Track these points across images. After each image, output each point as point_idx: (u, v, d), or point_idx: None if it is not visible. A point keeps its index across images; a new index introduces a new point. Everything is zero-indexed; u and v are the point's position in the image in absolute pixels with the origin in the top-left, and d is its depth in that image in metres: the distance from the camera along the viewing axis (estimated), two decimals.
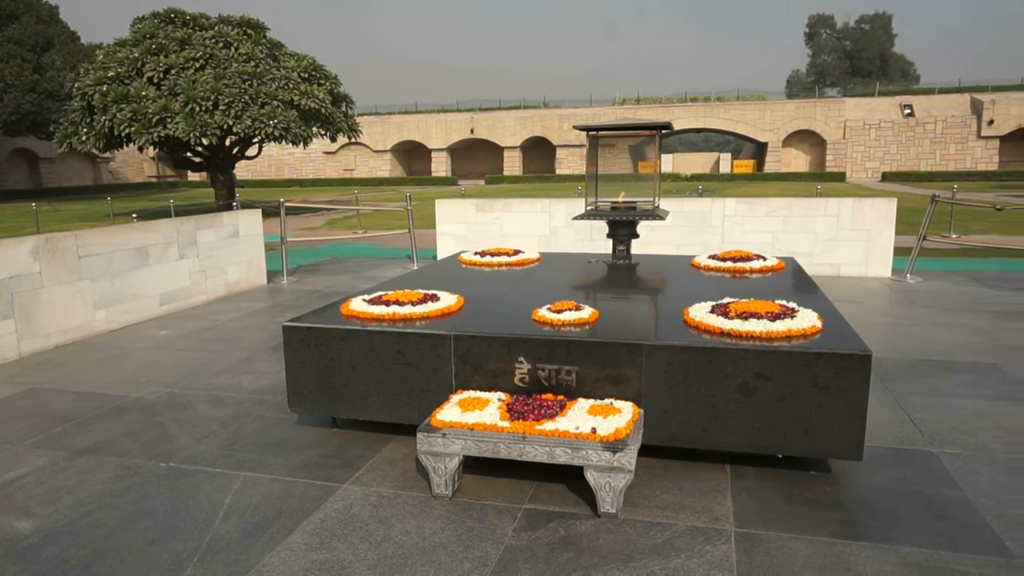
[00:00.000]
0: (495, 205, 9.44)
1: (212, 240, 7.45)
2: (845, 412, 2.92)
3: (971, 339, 5.33)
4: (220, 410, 4.10)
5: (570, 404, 3.03)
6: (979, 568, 2.41)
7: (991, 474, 3.10)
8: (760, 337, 3.05)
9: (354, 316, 3.66)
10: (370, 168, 51.27)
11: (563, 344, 3.16)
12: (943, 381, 4.36)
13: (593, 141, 5.22)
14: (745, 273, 4.68)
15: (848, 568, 2.43)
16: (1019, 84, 44.47)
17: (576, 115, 47.33)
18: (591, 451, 2.72)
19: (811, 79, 71.47)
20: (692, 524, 2.73)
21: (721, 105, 46.65)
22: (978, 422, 3.70)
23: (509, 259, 5.26)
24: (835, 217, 8.26)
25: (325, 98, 20.77)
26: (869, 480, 3.07)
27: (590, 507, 2.84)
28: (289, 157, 51.94)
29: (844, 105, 44.87)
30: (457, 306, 3.77)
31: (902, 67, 69.84)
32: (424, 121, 51.12)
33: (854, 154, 43.70)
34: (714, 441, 3.09)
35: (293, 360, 3.59)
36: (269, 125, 19.07)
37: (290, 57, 21.47)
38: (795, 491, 2.98)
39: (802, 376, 2.92)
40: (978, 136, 41.93)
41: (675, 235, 8.64)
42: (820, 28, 73.73)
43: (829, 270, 8.28)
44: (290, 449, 3.53)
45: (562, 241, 9.10)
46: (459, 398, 3.16)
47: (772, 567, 2.44)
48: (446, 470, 2.92)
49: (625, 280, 4.66)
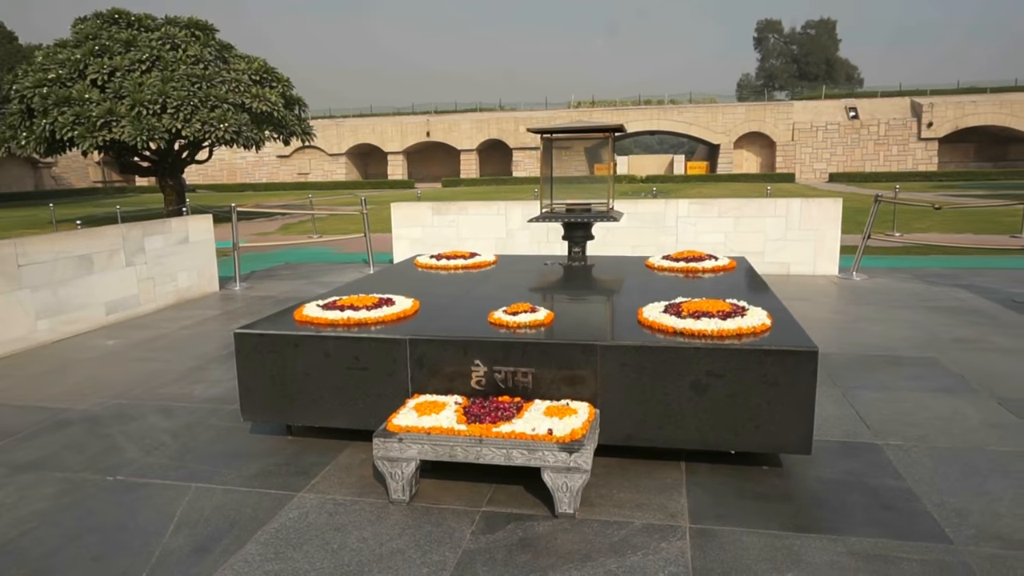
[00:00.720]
0: (451, 208, 9.43)
1: (161, 247, 7.27)
2: (794, 407, 2.99)
3: (913, 334, 5.52)
4: (170, 420, 4.00)
5: (527, 406, 3.04)
6: (921, 555, 2.50)
7: (932, 464, 3.22)
8: (712, 336, 3.11)
9: (308, 322, 3.61)
10: (325, 172, 50.69)
11: (519, 346, 3.18)
12: (887, 375, 4.51)
13: (547, 144, 5.25)
14: (698, 273, 4.76)
15: (799, 559, 2.49)
16: (955, 88, 46.24)
17: (532, 118, 47.55)
18: (547, 452, 2.73)
19: (760, 83, 73.17)
20: (648, 521, 2.76)
21: (674, 108, 47.43)
22: (920, 414, 3.83)
23: (465, 262, 5.25)
24: (784, 217, 8.46)
25: (277, 101, 20.46)
26: (818, 473, 3.15)
27: (548, 508, 2.86)
28: (241, 161, 51.01)
29: (792, 108, 46.06)
30: (413, 310, 3.75)
31: (847, 71, 72.00)
32: (379, 124, 50.76)
33: (802, 155, 44.87)
34: (669, 439, 3.14)
35: (245, 368, 3.53)
36: (220, 128, 18.69)
37: (241, 59, 21.10)
38: (747, 486, 3.04)
39: (752, 373, 2.99)
40: (918, 138, 43.47)
41: (631, 236, 8.75)
42: (768, 33, 75.55)
43: (780, 269, 8.48)
44: (244, 458, 3.46)
45: (519, 243, 9.13)
46: (415, 402, 3.14)
47: (725, 561, 2.49)
48: (403, 475, 2.90)
49: (580, 281, 4.70)
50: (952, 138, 43.51)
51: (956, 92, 45.70)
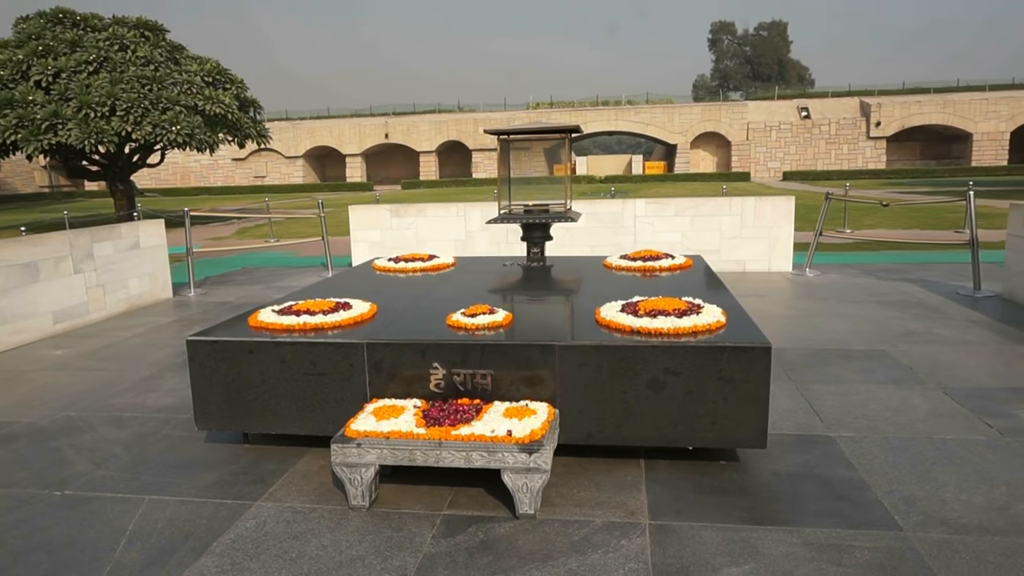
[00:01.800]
0: (410, 210, 9.37)
1: (110, 253, 7.08)
2: (749, 403, 3.05)
3: (864, 328, 5.66)
4: (122, 431, 3.89)
5: (486, 408, 3.04)
6: (872, 542, 2.57)
7: (882, 454, 3.31)
8: (668, 334, 3.15)
9: (263, 328, 3.55)
10: (282, 175, 49.95)
11: (477, 348, 3.17)
12: (839, 369, 4.62)
13: (504, 145, 5.26)
14: (655, 272, 4.82)
15: (755, 551, 2.54)
16: (901, 89, 47.67)
17: (491, 119, 47.59)
18: (507, 453, 2.73)
19: (715, 83, 74.46)
20: (608, 519, 2.78)
21: (632, 108, 47.95)
22: (870, 405, 3.93)
23: (423, 264, 5.23)
24: (739, 216, 8.62)
25: (232, 103, 20.05)
26: (774, 466, 3.21)
27: (509, 509, 2.86)
28: (195, 164, 49.98)
29: (746, 108, 46.96)
30: (370, 314, 3.72)
31: (798, 72, 73.68)
32: (337, 126, 50.23)
33: (757, 155, 45.78)
34: (628, 437, 3.16)
35: (199, 376, 3.46)
36: (171, 131, 18.24)
37: (192, 60, 20.63)
38: (705, 481, 3.09)
39: (708, 370, 3.04)
40: (867, 137, 44.72)
41: (589, 236, 8.81)
42: (722, 34, 76.92)
43: (735, 266, 8.63)
44: (199, 468, 3.39)
45: (479, 245, 9.12)
46: (374, 407, 3.11)
47: (684, 556, 2.52)
48: (362, 481, 2.87)
49: (539, 282, 4.71)
50: (899, 137, 44.85)
51: (902, 92, 47.14)
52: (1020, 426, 3.59)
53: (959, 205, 14.87)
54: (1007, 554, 2.47)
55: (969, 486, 2.97)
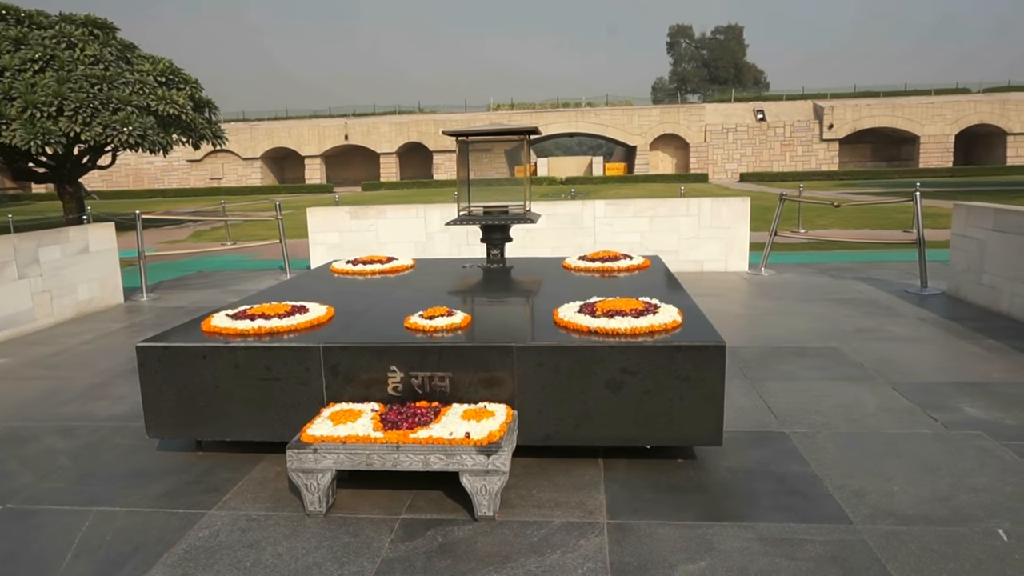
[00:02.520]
0: (369, 212, 9.29)
1: (58, 257, 6.86)
2: (704, 401, 3.09)
3: (817, 326, 5.79)
4: (69, 441, 3.77)
5: (444, 410, 3.03)
6: (823, 536, 2.63)
7: (834, 449, 3.38)
8: (625, 334, 3.17)
9: (216, 332, 3.48)
10: (239, 176, 49.06)
11: (435, 350, 3.16)
12: (794, 366, 4.72)
13: (463, 146, 5.25)
14: (613, 272, 4.86)
15: (711, 548, 2.57)
16: (853, 92, 48.93)
17: (452, 120, 47.48)
18: (465, 456, 2.72)
19: (674, 86, 75.49)
20: (567, 520, 2.79)
21: (592, 110, 48.31)
22: (823, 402, 4.03)
23: (382, 266, 5.19)
24: (696, 216, 8.74)
25: (186, 103, 19.62)
26: (730, 463, 3.26)
27: (468, 512, 2.85)
28: (149, 166, 48.81)
29: (704, 110, 47.68)
30: (327, 317, 3.67)
31: (754, 75, 75.11)
32: (296, 127, 49.54)
33: (715, 156, 46.52)
34: (586, 437, 3.18)
35: (149, 383, 3.37)
36: (123, 132, 17.77)
37: (144, 60, 20.13)
38: (663, 479, 3.12)
39: (664, 369, 3.07)
40: (821, 139, 45.78)
41: (550, 237, 8.85)
42: (680, 38, 78.01)
43: (693, 266, 8.75)
44: (150, 478, 3.30)
45: (439, 247, 9.09)
46: (331, 411, 3.07)
47: (642, 554, 2.54)
48: (319, 486, 2.83)
49: (498, 284, 4.71)
50: (851, 139, 46.02)
51: (853, 96, 48.36)
52: (963, 419, 3.71)
53: (907, 206, 15.31)
54: (950, 543, 2.55)
55: (915, 478, 3.06)
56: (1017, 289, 5.80)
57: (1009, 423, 3.64)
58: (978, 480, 3.02)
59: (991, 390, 4.14)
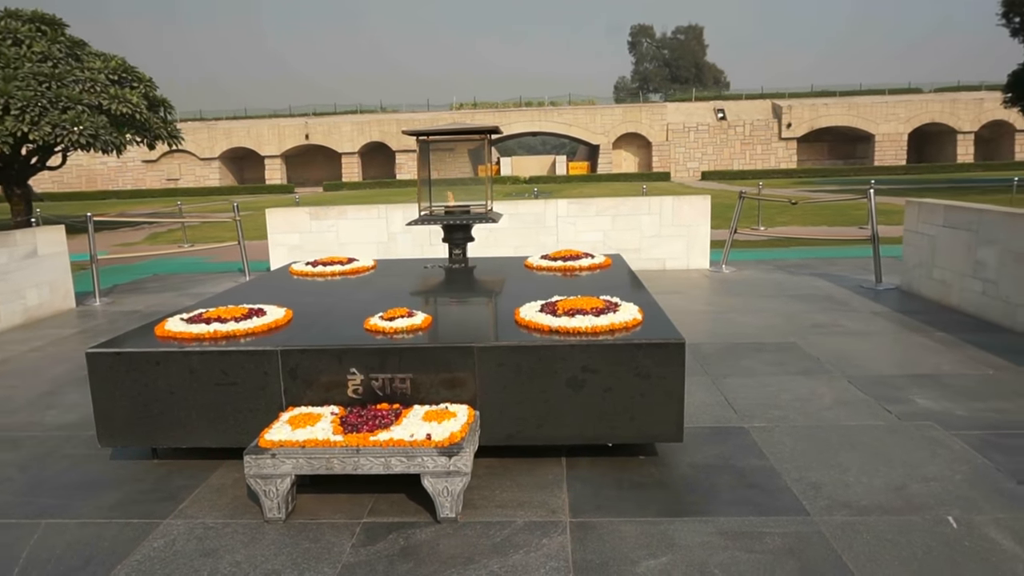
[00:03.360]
0: (330, 212, 9.18)
1: (4, 262, 6.64)
2: (665, 398, 3.12)
3: (775, 322, 5.89)
4: (16, 452, 3.65)
5: (405, 412, 3.00)
6: (782, 528, 2.67)
7: (791, 442, 3.44)
8: (586, 332, 3.19)
9: (170, 337, 3.40)
10: (197, 177, 48.10)
11: (396, 352, 3.13)
12: (753, 362, 4.79)
13: (424, 146, 5.22)
14: (575, 271, 4.87)
15: (672, 543, 2.60)
16: (810, 92, 49.95)
17: (414, 120, 47.24)
18: (426, 457, 2.70)
19: (636, 85, 76.20)
20: (530, 519, 2.79)
21: (555, 109, 48.46)
22: (782, 396, 4.09)
23: (343, 268, 5.13)
24: (658, 215, 8.83)
25: (140, 102, 19.13)
26: (691, 459, 3.30)
27: (431, 514, 2.83)
28: (102, 167, 47.54)
29: (666, 109, 48.20)
30: (285, 320, 3.61)
31: (714, 75, 76.19)
32: (255, 126, 48.75)
33: (676, 155, 47.06)
34: (549, 436, 3.18)
35: (101, 390, 3.27)
36: (73, 132, 17.25)
37: (96, 57, 19.57)
38: (625, 476, 3.14)
39: (624, 367, 3.09)
40: (779, 138, 46.63)
41: (513, 237, 8.85)
42: (641, 37, 78.75)
43: (656, 264, 8.83)
44: (102, 488, 3.21)
45: (401, 247, 9.03)
46: (289, 415, 3.03)
47: (604, 552, 2.55)
48: (278, 492, 2.79)
49: (460, 284, 4.69)
50: (809, 138, 46.98)
51: (811, 95, 49.36)
52: (916, 411, 3.81)
53: (863, 203, 15.67)
54: (903, 531, 2.61)
55: (870, 469, 3.13)
56: (966, 283, 5.97)
57: (959, 413, 3.75)
58: (929, 470, 3.10)
59: (942, 382, 4.26)
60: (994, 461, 3.17)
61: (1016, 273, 5.33)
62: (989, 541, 2.54)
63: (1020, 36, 23.11)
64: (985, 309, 5.72)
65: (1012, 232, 5.38)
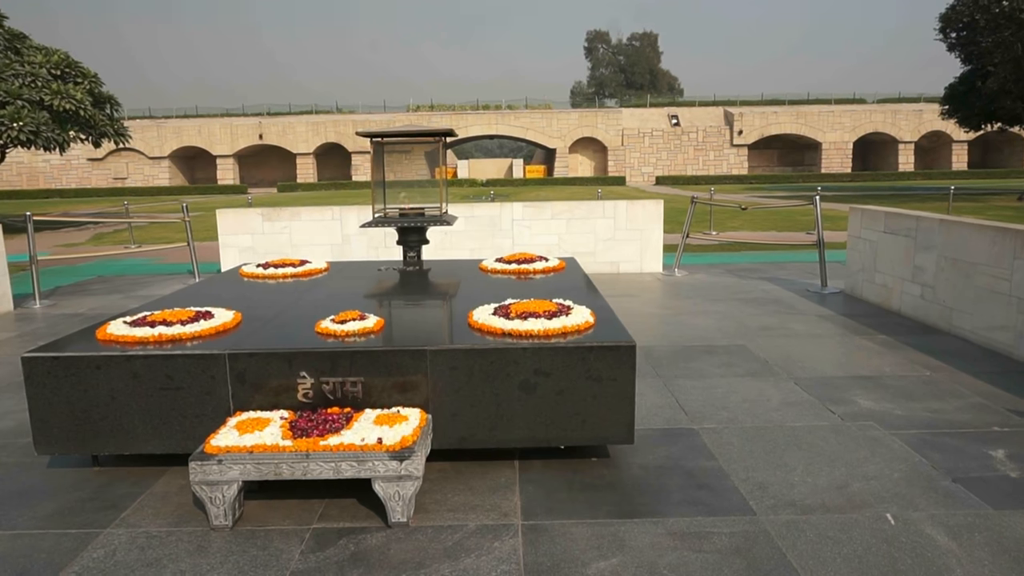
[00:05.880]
0: (283, 214, 9.03)
1: None
2: (616, 400, 3.15)
3: (725, 324, 6.01)
4: None
5: (356, 416, 2.97)
6: (729, 528, 2.72)
7: (740, 443, 3.51)
8: (538, 335, 3.20)
9: (112, 341, 3.30)
10: (146, 176, 46.84)
11: (347, 355, 3.09)
12: (703, 364, 4.87)
13: (379, 148, 5.17)
14: (529, 274, 4.89)
15: (622, 544, 2.62)
16: (761, 100, 51.15)
17: (371, 121, 46.83)
18: (377, 462, 2.68)
19: (592, 90, 76.92)
20: (482, 523, 2.79)
21: (512, 113, 48.59)
22: (730, 398, 4.18)
23: (295, 270, 5.05)
24: (612, 219, 8.92)
25: (84, 98, 18.55)
26: (642, 460, 3.34)
27: (382, 519, 2.80)
28: (45, 164, 45.92)
29: (621, 115, 48.79)
30: (234, 323, 3.54)
31: (668, 81, 77.45)
32: (207, 125, 47.69)
33: (632, 160, 47.66)
34: (502, 439, 3.19)
35: (38, 396, 3.16)
36: (13, 128, 16.64)
37: (37, 51, 18.91)
38: (577, 478, 3.16)
39: (576, 370, 3.11)
40: (731, 144, 47.64)
41: (469, 240, 8.84)
42: (597, 43, 79.57)
43: (610, 268, 8.92)
44: (38, 497, 3.09)
45: (356, 249, 8.93)
46: (237, 420, 2.96)
47: (555, 554, 2.57)
48: (224, 499, 2.73)
49: (414, 286, 4.67)
50: (759, 145, 48.11)
51: (761, 103, 50.58)
52: (858, 411, 3.92)
53: (810, 209, 16.12)
54: (844, 529, 2.69)
55: (814, 468, 3.21)
56: (906, 288, 6.19)
57: (898, 413, 3.88)
58: (869, 468, 3.20)
59: (882, 383, 4.40)
60: (930, 459, 3.29)
61: (952, 278, 5.54)
62: (925, 537, 2.63)
63: (955, 51, 24.03)
64: (924, 312, 5.93)
65: (948, 238, 5.59)
